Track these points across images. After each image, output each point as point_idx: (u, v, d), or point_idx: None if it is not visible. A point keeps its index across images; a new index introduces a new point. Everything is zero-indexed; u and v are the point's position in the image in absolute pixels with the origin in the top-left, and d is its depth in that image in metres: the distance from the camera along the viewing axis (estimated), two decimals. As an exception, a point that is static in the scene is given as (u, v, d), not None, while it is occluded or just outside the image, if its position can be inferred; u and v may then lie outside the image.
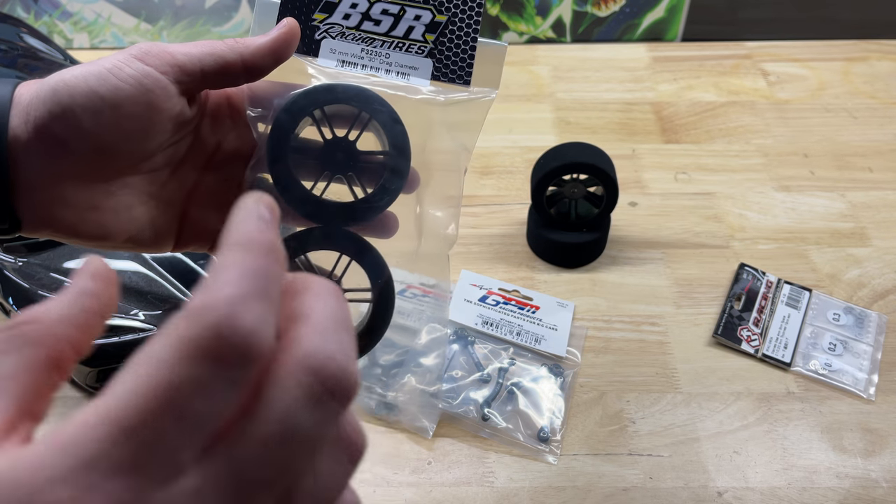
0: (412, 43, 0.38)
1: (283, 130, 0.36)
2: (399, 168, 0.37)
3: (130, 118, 0.34)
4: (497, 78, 0.39)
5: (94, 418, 0.18)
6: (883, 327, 0.66)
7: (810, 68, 0.94)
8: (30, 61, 0.75)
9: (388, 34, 0.38)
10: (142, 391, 0.18)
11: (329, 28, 0.38)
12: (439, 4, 0.38)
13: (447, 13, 0.38)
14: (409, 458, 0.57)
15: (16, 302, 0.59)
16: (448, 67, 0.38)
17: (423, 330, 0.64)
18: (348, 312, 0.23)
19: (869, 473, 0.56)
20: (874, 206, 0.77)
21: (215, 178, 0.39)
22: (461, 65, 0.38)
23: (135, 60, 0.34)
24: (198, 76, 0.35)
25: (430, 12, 0.38)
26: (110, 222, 0.36)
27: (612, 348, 0.65)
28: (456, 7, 0.38)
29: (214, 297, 0.19)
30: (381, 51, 0.38)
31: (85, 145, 0.33)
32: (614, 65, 0.96)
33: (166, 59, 0.34)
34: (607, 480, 0.56)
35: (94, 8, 0.98)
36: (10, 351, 0.20)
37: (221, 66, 0.35)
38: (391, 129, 0.37)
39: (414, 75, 0.38)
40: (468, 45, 0.38)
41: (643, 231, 0.74)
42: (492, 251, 0.73)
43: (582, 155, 0.67)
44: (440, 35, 0.38)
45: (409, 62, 0.38)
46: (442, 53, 0.38)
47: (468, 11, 0.38)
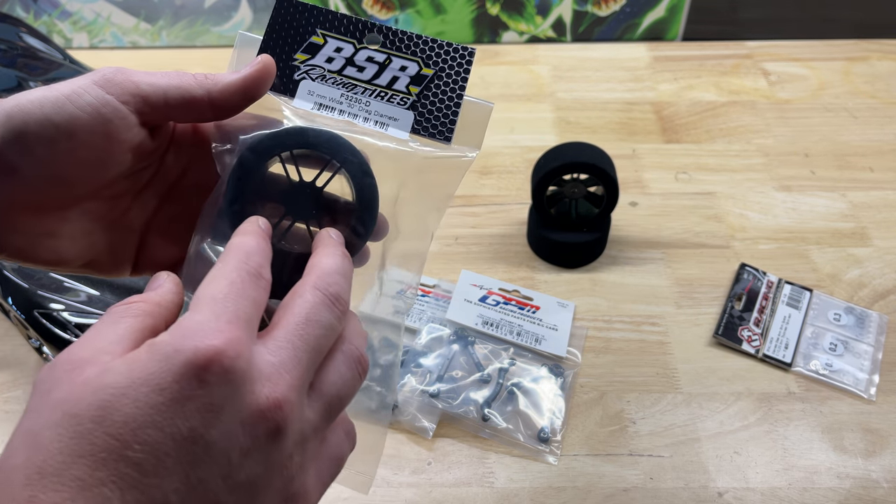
0: (395, 93, 0.37)
1: (245, 170, 0.35)
2: (364, 222, 0.36)
3: (86, 147, 0.32)
4: (480, 138, 0.37)
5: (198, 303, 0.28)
6: (884, 327, 0.66)
7: (811, 68, 0.94)
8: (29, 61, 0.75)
9: (371, 82, 0.37)
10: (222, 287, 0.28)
11: (310, 70, 0.37)
12: (427, 58, 0.37)
13: (434, 67, 0.37)
14: (409, 459, 0.57)
15: (15, 302, 0.59)
16: (429, 122, 0.36)
17: (423, 330, 0.64)
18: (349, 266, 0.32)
19: (870, 474, 0.56)
20: (875, 206, 0.77)
21: (176, 206, 0.38)
22: (443, 120, 0.36)
23: (95, 87, 0.32)
24: (161, 108, 0.34)
25: (417, 64, 0.37)
26: (66, 248, 0.35)
27: (612, 348, 0.65)
28: (444, 62, 0.37)
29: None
30: (361, 98, 0.37)
31: (38, 173, 0.32)
32: (615, 64, 0.95)
33: (129, 89, 0.33)
34: (607, 481, 0.56)
35: (94, 7, 0.98)
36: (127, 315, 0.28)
37: (187, 101, 0.34)
38: (360, 181, 0.35)
39: (393, 126, 0.36)
40: (453, 102, 0.37)
41: (643, 231, 0.74)
42: (492, 251, 0.73)
43: (582, 155, 0.66)
44: (425, 88, 0.37)
45: (390, 112, 0.36)
46: (425, 107, 0.37)
47: (456, 68, 0.37)
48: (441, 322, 0.65)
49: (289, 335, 0.28)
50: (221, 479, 0.25)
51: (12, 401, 0.60)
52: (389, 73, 0.37)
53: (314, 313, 0.29)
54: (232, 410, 0.25)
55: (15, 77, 0.72)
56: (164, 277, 0.31)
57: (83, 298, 0.59)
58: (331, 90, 0.37)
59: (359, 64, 0.37)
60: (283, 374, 0.27)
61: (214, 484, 0.25)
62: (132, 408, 0.24)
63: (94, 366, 0.25)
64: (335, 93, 0.37)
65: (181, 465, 0.24)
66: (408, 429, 0.59)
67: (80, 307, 0.58)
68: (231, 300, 0.27)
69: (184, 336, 0.26)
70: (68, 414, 0.24)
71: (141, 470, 0.24)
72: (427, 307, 0.66)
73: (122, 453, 0.24)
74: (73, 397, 0.24)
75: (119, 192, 0.36)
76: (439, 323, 0.65)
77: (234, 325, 0.26)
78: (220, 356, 0.25)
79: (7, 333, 0.65)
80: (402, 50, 0.37)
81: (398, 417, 0.59)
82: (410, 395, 0.59)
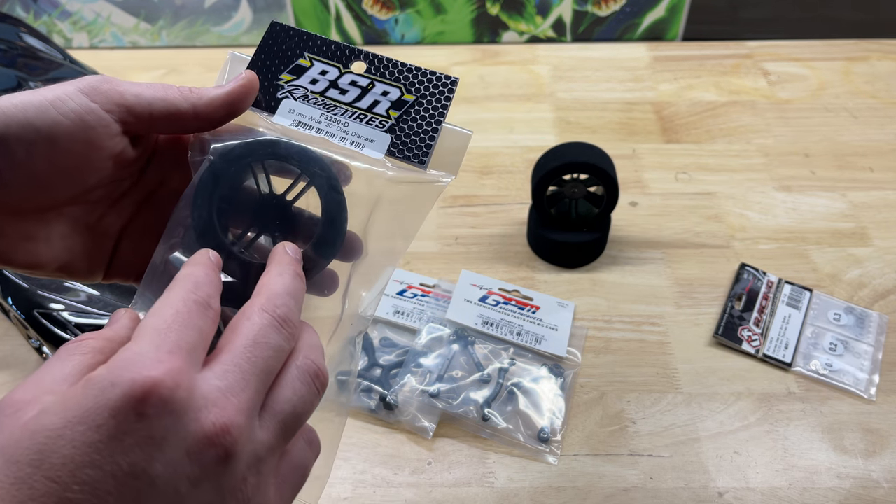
0: (374, 116, 0.37)
1: (213, 176, 0.35)
2: (328, 239, 0.35)
3: (67, 154, 0.32)
4: (457, 165, 0.37)
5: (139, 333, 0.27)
6: (884, 327, 0.66)
7: (811, 68, 0.94)
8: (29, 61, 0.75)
9: (352, 104, 0.37)
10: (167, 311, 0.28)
11: (293, 90, 0.37)
12: (410, 84, 0.37)
13: (416, 94, 0.37)
14: (409, 459, 0.57)
15: (15, 302, 0.59)
16: (405, 145, 0.37)
17: (423, 330, 0.64)
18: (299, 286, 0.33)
19: (870, 474, 0.56)
20: (875, 206, 0.77)
21: (153, 213, 0.38)
22: (420, 145, 0.37)
23: (80, 95, 0.33)
24: (145, 119, 0.34)
25: (399, 90, 0.37)
26: (42, 252, 0.35)
27: (612, 348, 0.65)
28: (426, 90, 0.37)
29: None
30: (340, 118, 0.37)
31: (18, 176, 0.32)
32: (615, 64, 0.95)
33: (114, 98, 0.33)
34: (608, 481, 0.56)
35: (94, 7, 0.98)
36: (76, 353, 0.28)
37: (171, 114, 0.34)
38: (327, 195, 0.35)
39: (369, 147, 0.37)
40: (431, 127, 0.37)
41: (643, 231, 0.74)
42: (492, 251, 0.73)
43: (582, 154, 0.66)
44: (405, 113, 0.37)
45: (367, 134, 0.37)
46: (402, 131, 0.37)
47: (438, 95, 0.37)
48: (441, 322, 0.65)
49: (236, 359, 0.28)
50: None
51: (12, 401, 0.60)
52: (371, 97, 0.37)
53: (262, 335, 0.29)
54: (175, 440, 0.25)
55: (15, 77, 0.72)
56: (121, 314, 0.31)
57: (83, 298, 0.59)
58: (311, 109, 0.37)
59: (342, 87, 0.38)
60: (230, 398, 0.27)
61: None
62: (69, 448, 0.24)
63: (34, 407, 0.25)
64: (315, 112, 0.37)
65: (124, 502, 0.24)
66: (408, 429, 0.59)
67: (80, 307, 0.58)
68: (174, 330, 0.27)
69: (121, 368, 0.25)
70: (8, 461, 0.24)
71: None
72: (427, 307, 0.66)
73: (62, 496, 0.23)
74: (12, 442, 0.24)
75: (98, 198, 0.36)
76: (439, 323, 0.65)
77: (174, 355, 0.26)
78: (157, 387, 0.25)
79: (7, 333, 0.65)
80: (387, 76, 0.38)
81: (398, 417, 0.59)
82: (410, 395, 0.59)
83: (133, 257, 0.38)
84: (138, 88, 0.34)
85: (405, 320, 0.65)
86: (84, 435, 0.24)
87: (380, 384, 0.61)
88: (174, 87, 0.34)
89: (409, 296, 0.67)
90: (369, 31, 1.00)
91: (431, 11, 0.99)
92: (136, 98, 0.33)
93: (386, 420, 0.59)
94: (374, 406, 0.60)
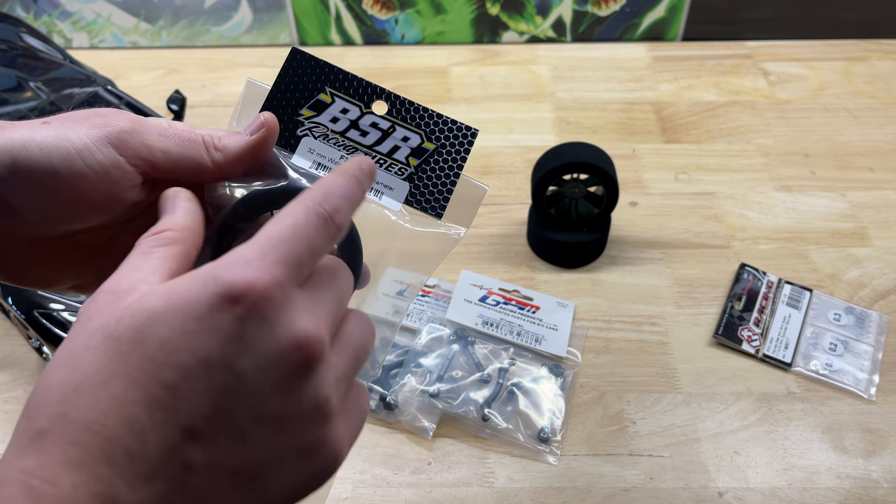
0: (394, 163, 0.37)
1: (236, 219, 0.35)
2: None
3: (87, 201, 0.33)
4: (470, 218, 0.37)
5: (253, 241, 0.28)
6: (884, 327, 0.66)
7: (811, 68, 0.94)
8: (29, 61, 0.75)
9: (373, 147, 0.37)
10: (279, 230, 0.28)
11: (313, 127, 0.37)
12: (430, 132, 0.37)
13: (436, 143, 0.37)
14: (409, 459, 0.57)
15: (15, 302, 0.59)
16: (423, 196, 0.37)
17: (423, 330, 0.64)
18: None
19: (870, 474, 0.56)
20: (875, 206, 0.77)
21: None
22: (437, 196, 0.37)
23: (108, 146, 0.32)
24: (168, 173, 0.34)
25: (419, 137, 0.37)
26: (53, 274, 0.35)
27: (612, 348, 0.65)
28: (447, 139, 0.37)
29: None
30: None
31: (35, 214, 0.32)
32: (614, 64, 0.95)
33: (141, 153, 0.33)
34: (608, 481, 0.56)
35: (94, 7, 0.98)
36: (157, 245, 0.29)
37: (196, 170, 0.34)
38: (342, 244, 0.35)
39: (387, 195, 0.37)
40: (449, 179, 0.37)
41: (643, 231, 0.74)
42: (492, 251, 0.73)
43: (582, 155, 0.66)
44: (424, 162, 0.37)
45: (387, 181, 0.37)
46: (421, 180, 0.37)
47: (457, 146, 0.37)
48: (441, 322, 0.65)
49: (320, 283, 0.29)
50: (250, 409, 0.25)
51: (12, 401, 0.60)
52: (392, 141, 0.37)
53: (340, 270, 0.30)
54: (265, 344, 0.26)
55: (15, 77, 0.72)
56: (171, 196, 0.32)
57: (83, 298, 0.59)
58: (331, 150, 0.37)
59: (363, 128, 0.37)
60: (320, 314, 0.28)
61: (243, 414, 0.25)
62: (167, 332, 0.25)
63: (134, 294, 0.26)
64: (335, 154, 0.37)
65: (210, 392, 0.25)
66: (408, 429, 0.59)
67: (80, 307, 0.58)
68: (286, 241, 0.27)
69: (225, 267, 0.26)
70: (108, 337, 0.25)
71: (172, 393, 0.24)
72: (427, 307, 0.66)
73: (155, 375, 0.24)
74: (113, 321, 0.25)
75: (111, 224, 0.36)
76: (439, 323, 0.65)
77: (277, 265, 0.27)
78: (254, 292, 0.25)
79: (7, 333, 0.65)
80: (407, 120, 0.37)
81: (398, 417, 0.59)
82: (410, 395, 0.59)
83: None
84: (166, 143, 0.33)
85: (405, 320, 0.65)
86: (183, 323, 0.25)
87: (380, 384, 0.61)
88: (199, 141, 0.34)
89: (409, 296, 0.67)
90: (369, 31, 1.00)
91: (431, 11, 0.99)
92: (163, 154, 0.33)
93: (386, 420, 0.59)
94: (374, 406, 0.60)
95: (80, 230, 0.35)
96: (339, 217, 0.29)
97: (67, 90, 0.73)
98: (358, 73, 0.38)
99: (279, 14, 0.98)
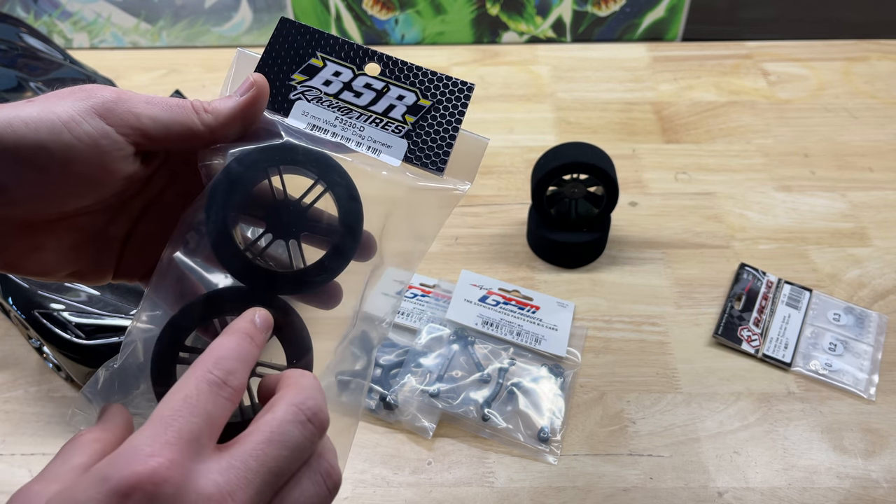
0: (391, 121, 0.36)
1: (229, 181, 0.34)
2: (344, 248, 0.35)
3: (79, 175, 0.32)
4: (473, 172, 0.37)
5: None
6: (883, 327, 0.66)
7: (811, 68, 0.94)
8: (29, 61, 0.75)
9: (367, 108, 0.37)
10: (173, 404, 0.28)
11: (306, 91, 0.37)
12: (426, 89, 0.37)
13: (432, 99, 0.37)
14: (409, 459, 0.57)
15: (15, 302, 0.59)
16: (423, 152, 0.36)
17: (423, 330, 0.64)
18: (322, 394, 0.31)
19: (869, 474, 0.56)
20: (875, 206, 0.77)
21: (160, 214, 0.37)
22: (437, 151, 0.36)
23: (94, 116, 0.31)
24: (160, 141, 0.33)
25: (414, 95, 0.37)
26: (51, 261, 0.35)
27: (612, 348, 0.65)
28: (442, 95, 0.37)
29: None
30: (356, 122, 0.36)
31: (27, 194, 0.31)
32: (614, 65, 0.96)
33: (129, 121, 0.32)
34: (607, 481, 0.56)
35: (94, 8, 0.98)
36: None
37: (188, 136, 0.33)
38: (346, 204, 0.35)
39: (385, 153, 0.36)
40: (448, 134, 0.37)
41: (643, 231, 0.74)
42: (492, 251, 0.73)
43: (582, 155, 0.66)
44: (421, 119, 0.37)
45: (384, 139, 0.36)
46: (419, 137, 0.36)
47: (454, 101, 0.37)
48: (441, 322, 0.65)
49: (245, 455, 0.28)
50: None
51: (12, 401, 0.60)
52: (386, 100, 0.37)
53: (279, 433, 0.28)
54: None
55: (15, 77, 0.72)
56: (109, 410, 0.32)
57: (83, 298, 0.59)
58: (325, 112, 0.37)
59: (356, 89, 0.37)
60: (227, 497, 0.26)
61: None
62: None
63: (42, 498, 0.27)
64: (330, 115, 0.37)
65: None
66: (408, 429, 0.59)
67: (80, 307, 0.58)
68: (178, 417, 0.27)
69: (114, 462, 0.26)
70: None
71: None
72: (427, 307, 0.66)
73: None
74: None
75: (106, 207, 0.36)
76: (439, 323, 0.65)
77: (170, 447, 0.26)
78: (144, 483, 0.25)
79: (7, 333, 0.65)
80: (402, 80, 0.37)
81: (398, 417, 0.59)
82: (410, 395, 0.59)
83: (140, 258, 0.37)
84: (154, 110, 0.33)
85: (405, 320, 0.65)
86: None
87: (380, 384, 0.61)
88: (188, 106, 0.33)
89: (409, 296, 0.67)
90: (369, 32, 1.00)
91: (431, 12, 0.99)
92: (152, 121, 0.32)
93: (386, 420, 0.59)
94: (374, 406, 0.60)
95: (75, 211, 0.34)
96: (233, 379, 0.29)
97: (67, 90, 0.73)
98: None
99: (279, 14, 0.98)
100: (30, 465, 0.57)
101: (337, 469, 0.30)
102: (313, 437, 0.29)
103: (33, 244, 0.34)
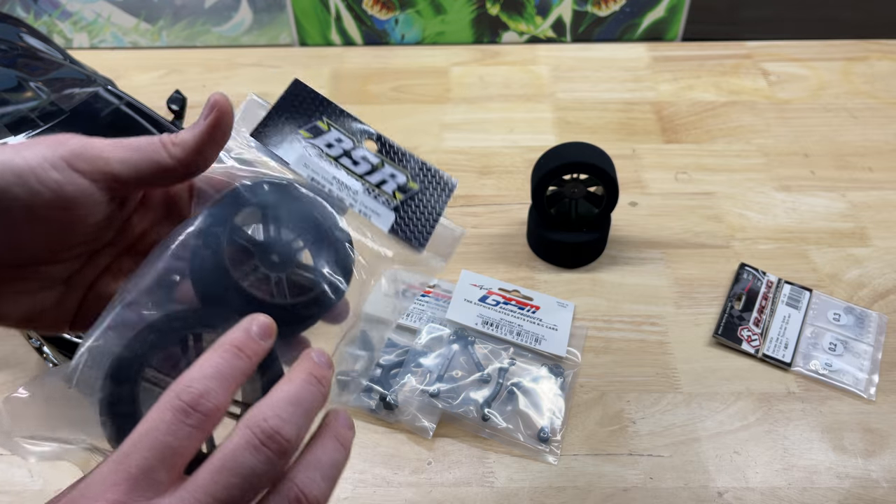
0: (382, 193, 0.39)
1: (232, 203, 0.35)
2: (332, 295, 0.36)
3: (46, 221, 0.31)
4: (449, 255, 0.40)
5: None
6: (883, 327, 0.66)
7: (810, 68, 0.94)
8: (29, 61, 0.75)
9: (363, 176, 0.39)
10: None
11: (310, 146, 0.38)
12: (415, 175, 0.39)
13: (420, 184, 0.39)
14: (409, 459, 0.57)
15: (15, 302, 0.59)
16: (408, 227, 0.39)
17: (423, 330, 0.64)
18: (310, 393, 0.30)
19: (869, 474, 0.56)
20: (874, 206, 0.77)
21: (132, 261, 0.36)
22: (420, 230, 0.39)
23: (62, 163, 0.31)
24: (132, 183, 0.32)
25: (405, 177, 0.39)
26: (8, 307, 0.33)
27: (612, 348, 0.65)
28: (429, 183, 0.39)
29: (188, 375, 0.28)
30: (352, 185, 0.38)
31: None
32: (614, 65, 0.96)
33: (99, 166, 0.31)
34: (607, 480, 0.56)
35: (94, 8, 0.98)
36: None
37: (159, 172, 0.32)
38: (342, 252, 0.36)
39: (375, 218, 0.38)
40: (431, 219, 0.39)
41: (643, 231, 0.74)
42: (492, 251, 0.73)
43: (582, 155, 0.67)
44: (409, 198, 0.39)
45: (375, 207, 0.38)
46: (406, 213, 0.39)
47: (438, 193, 0.39)
48: (441, 322, 0.65)
49: (195, 487, 0.27)
50: None
51: (12, 401, 0.60)
52: (380, 174, 0.39)
53: (231, 460, 0.27)
54: None
55: (15, 77, 0.72)
56: None
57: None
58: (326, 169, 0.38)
59: (355, 158, 0.39)
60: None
61: None
62: None
63: None
64: (328, 173, 0.38)
65: None
66: (408, 428, 0.59)
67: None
68: (133, 453, 0.26)
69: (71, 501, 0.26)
70: None
71: None
72: (427, 307, 0.66)
73: None
74: None
75: (74, 256, 0.34)
76: (439, 323, 0.65)
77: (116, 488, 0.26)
78: None
79: (7, 333, 0.65)
80: (395, 161, 0.39)
81: (398, 417, 0.59)
82: (410, 395, 0.59)
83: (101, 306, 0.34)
84: (123, 153, 0.32)
85: (405, 320, 0.65)
86: None
87: (380, 384, 0.61)
88: (156, 142, 0.33)
89: (409, 296, 0.67)
90: (369, 32, 1.00)
91: (431, 11, 0.99)
92: (121, 164, 0.32)
93: (386, 420, 0.59)
94: (374, 406, 0.60)
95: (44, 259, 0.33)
96: (205, 403, 0.28)
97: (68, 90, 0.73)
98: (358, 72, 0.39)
99: (279, 14, 0.98)
100: (29, 465, 0.57)
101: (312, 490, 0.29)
102: (270, 461, 0.28)
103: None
